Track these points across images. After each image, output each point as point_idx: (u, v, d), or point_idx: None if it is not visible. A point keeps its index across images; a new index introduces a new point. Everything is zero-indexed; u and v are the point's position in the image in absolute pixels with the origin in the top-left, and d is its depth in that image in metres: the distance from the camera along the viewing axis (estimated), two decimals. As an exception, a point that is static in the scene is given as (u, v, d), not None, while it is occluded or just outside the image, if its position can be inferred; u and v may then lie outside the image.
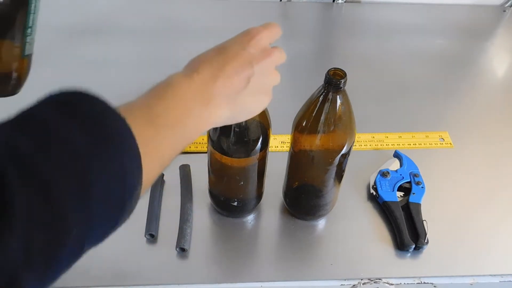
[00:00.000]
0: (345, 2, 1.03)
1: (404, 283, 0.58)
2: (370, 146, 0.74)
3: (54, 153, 0.27)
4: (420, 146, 0.74)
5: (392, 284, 0.58)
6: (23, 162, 0.26)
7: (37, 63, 0.42)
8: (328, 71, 0.48)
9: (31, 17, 0.37)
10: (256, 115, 0.44)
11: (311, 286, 0.58)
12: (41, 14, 0.40)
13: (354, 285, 0.58)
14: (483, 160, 0.73)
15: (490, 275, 0.60)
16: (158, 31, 0.93)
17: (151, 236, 0.60)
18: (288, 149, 0.59)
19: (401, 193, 0.66)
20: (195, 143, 0.70)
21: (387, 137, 0.75)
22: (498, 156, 0.74)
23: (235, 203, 0.61)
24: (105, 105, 0.31)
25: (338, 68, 0.48)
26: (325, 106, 0.50)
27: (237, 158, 0.54)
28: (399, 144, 0.74)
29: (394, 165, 0.68)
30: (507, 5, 1.06)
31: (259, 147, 0.53)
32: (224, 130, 0.52)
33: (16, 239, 0.24)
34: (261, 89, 0.42)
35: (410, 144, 0.74)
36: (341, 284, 0.58)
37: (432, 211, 0.64)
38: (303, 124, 0.53)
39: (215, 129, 0.52)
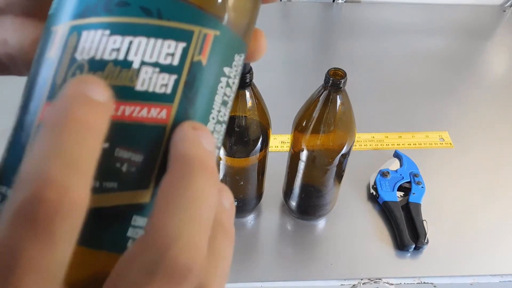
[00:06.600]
0: (345, 2, 1.03)
1: (404, 283, 0.58)
2: (370, 146, 0.74)
3: None
4: (420, 146, 0.74)
5: (392, 284, 0.58)
6: None
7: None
8: (328, 71, 0.48)
9: None
10: (256, 115, 0.44)
11: (311, 286, 0.58)
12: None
13: (354, 285, 0.58)
14: (483, 160, 0.73)
15: (490, 275, 0.60)
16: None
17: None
18: (288, 149, 0.59)
19: (401, 193, 0.66)
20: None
21: (387, 137, 0.75)
22: (498, 156, 0.74)
23: (235, 203, 0.61)
24: None
25: (338, 68, 0.48)
26: (325, 106, 0.50)
27: (237, 158, 0.54)
28: (399, 144, 0.74)
29: (394, 165, 0.68)
30: (507, 5, 1.06)
31: (259, 147, 0.53)
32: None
33: None
34: None
35: (410, 144, 0.74)
36: (341, 284, 0.58)
37: (432, 211, 0.64)
38: (303, 124, 0.53)
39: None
